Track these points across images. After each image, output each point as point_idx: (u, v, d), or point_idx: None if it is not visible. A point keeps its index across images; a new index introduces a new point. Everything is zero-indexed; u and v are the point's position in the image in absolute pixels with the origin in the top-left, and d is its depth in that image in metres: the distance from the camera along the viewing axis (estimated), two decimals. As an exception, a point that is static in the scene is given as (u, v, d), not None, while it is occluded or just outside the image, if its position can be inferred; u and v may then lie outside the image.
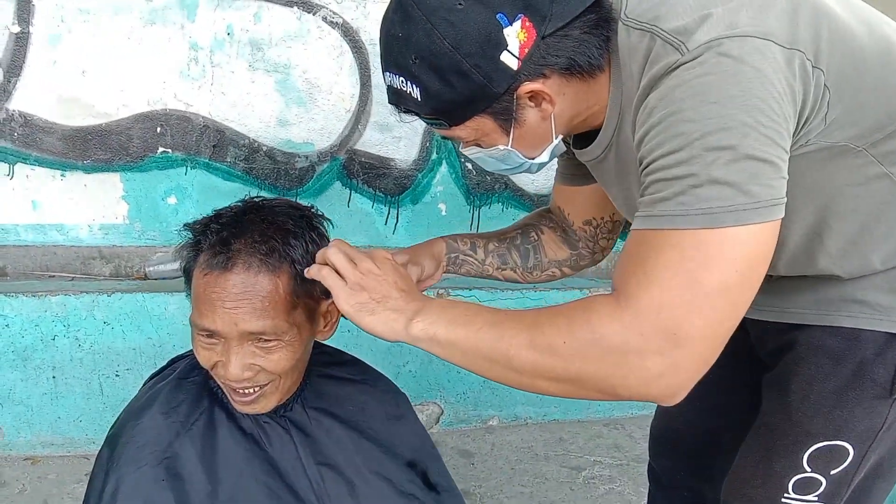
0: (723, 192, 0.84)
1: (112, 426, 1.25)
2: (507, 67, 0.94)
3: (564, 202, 1.43)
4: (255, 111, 2.52)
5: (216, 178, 2.54)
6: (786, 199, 0.87)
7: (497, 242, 1.42)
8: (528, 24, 0.93)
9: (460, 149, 1.13)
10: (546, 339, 0.91)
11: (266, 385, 1.14)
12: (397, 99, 1.03)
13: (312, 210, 1.19)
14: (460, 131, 1.04)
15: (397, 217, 2.77)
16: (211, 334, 1.09)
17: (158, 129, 2.44)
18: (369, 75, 2.60)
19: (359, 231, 2.72)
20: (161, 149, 2.46)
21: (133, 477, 1.12)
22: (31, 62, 2.28)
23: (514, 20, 0.92)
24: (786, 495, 1.16)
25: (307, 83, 2.54)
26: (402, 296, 1.05)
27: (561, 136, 1.06)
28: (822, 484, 1.13)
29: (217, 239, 1.07)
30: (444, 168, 2.79)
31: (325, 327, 1.22)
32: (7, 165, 2.34)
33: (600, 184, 1.23)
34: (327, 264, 1.08)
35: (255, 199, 1.16)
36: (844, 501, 1.14)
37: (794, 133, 0.91)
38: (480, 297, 2.63)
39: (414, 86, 0.98)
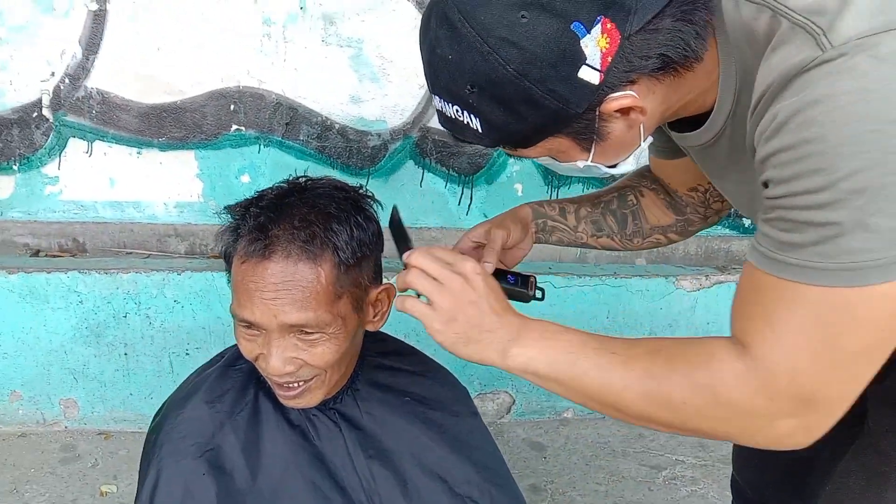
0: (871, 243, 0.70)
1: (157, 411, 1.22)
2: (586, 84, 0.78)
3: (662, 173, 1.28)
4: (327, 88, 2.46)
5: (289, 157, 2.50)
6: None
7: (590, 207, 1.27)
8: (609, 25, 0.76)
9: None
10: (663, 395, 0.85)
11: (311, 380, 1.08)
12: (451, 127, 0.88)
13: (359, 190, 1.10)
14: (530, 152, 0.89)
15: (471, 198, 2.67)
16: (251, 326, 1.04)
17: (232, 107, 2.42)
18: (444, 50, 2.49)
19: (431, 212, 2.64)
20: (234, 126, 2.44)
21: (173, 470, 1.10)
22: (108, 40, 2.29)
23: (592, 26, 0.75)
24: None
25: (380, 58, 2.45)
26: (496, 320, 0.94)
27: (649, 140, 0.92)
28: None
29: (255, 224, 1.01)
30: (521, 147, 2.66)
31: (374, 317, 1.14)
32: (86, 143, 2.37)
33: (705, 171, 1.07)
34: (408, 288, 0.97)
35: (300, 180, 1.09)
36: None
37: None
38: (555, 283, 2.51)
39: (472, 116, 0.83)
